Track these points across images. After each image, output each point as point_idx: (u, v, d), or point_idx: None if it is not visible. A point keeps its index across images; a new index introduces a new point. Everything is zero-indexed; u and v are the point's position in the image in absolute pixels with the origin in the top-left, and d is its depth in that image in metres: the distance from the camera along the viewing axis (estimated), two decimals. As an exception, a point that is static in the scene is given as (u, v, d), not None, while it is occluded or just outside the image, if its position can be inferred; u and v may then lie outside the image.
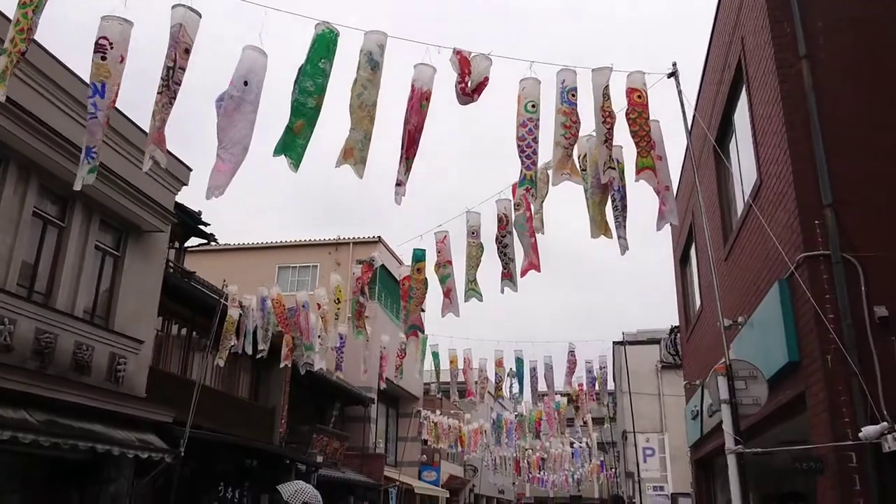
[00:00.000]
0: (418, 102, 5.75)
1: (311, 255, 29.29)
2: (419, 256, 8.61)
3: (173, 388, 13.14)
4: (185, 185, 13.27)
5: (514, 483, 56.02)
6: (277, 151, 5.29)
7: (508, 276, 7.41)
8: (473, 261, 7.88)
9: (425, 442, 33.62)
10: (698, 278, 11.24)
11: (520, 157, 6.11)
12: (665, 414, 30.96)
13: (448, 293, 8.28)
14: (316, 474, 17.41)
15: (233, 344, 12.07)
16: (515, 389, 15.32)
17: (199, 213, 19.10)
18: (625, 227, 6.22)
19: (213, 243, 20.49)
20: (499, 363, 14.49)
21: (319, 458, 18.04)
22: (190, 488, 13.42)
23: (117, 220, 11.58)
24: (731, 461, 5.31)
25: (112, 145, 10.71)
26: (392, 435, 32.17)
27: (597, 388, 15.77)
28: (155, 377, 12.56)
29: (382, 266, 28.89)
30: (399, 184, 5.78)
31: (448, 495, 32.38)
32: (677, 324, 14.40)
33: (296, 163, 5.27)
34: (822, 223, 5.81)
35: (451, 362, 14.30)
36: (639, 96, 6.09)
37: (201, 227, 18.92)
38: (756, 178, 7.24)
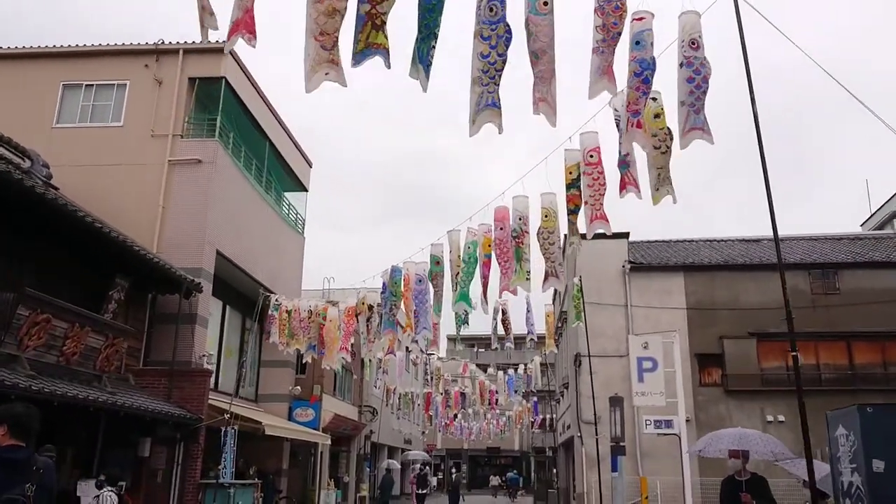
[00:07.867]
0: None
1: (118, 68, 18.55)
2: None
3: None
4: None
5: (423, 432, 46.70)
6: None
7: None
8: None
9: (302, 369, 23.67)
10: None
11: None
12: (633, 329, 23.16)
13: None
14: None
15: None
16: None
17: None
18: None
19: None
20: None
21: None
22: None
23: None
24: None
25: None
26: (253, 357, 21.99)
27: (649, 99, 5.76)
28: None
29: (227, 85, 18.29)
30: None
31: (329, 441, 22.34)
32: None
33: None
34: None
35: None
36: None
37: None
38: None
